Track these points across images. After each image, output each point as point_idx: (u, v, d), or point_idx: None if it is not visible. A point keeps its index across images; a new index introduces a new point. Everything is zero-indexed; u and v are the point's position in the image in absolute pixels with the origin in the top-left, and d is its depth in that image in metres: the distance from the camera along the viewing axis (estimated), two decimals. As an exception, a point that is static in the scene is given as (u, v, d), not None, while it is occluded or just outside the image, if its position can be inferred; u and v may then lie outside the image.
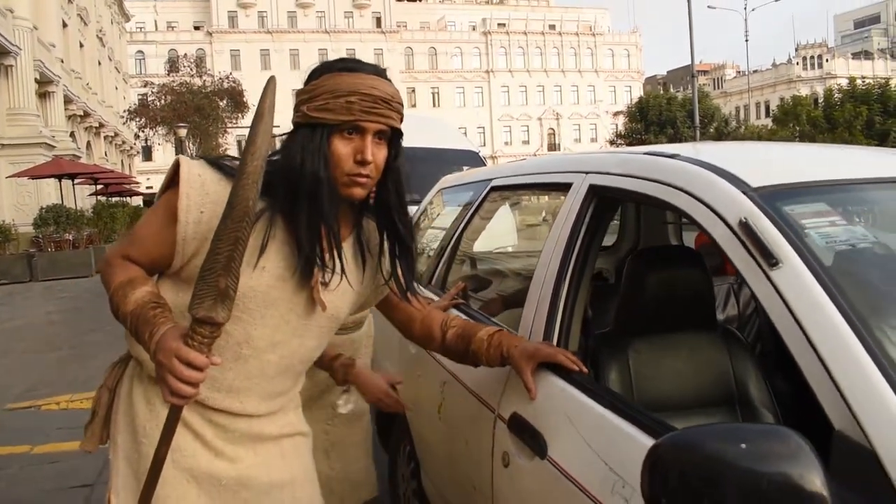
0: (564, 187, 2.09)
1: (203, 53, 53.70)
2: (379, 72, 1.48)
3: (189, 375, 1.29)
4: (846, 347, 1.09)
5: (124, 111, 33.89)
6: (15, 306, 12.53)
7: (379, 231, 1.61)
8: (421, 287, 1.94)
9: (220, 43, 65.50)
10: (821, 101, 42.56)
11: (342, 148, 1.43)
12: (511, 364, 1.74)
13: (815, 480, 0.94)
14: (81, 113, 27.76)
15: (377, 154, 1.45)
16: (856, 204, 1.65)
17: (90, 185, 23.54)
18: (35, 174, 17.93)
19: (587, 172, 2.01)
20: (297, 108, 1.46)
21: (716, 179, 1.50)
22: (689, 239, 3.51)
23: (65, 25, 26.89)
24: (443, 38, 72.62)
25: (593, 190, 1.94)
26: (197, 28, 67.03)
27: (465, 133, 64.78)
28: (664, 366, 1.98)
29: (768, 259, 1.26)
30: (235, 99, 32.02)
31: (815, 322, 1.14)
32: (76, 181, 21.11)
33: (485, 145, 68.15)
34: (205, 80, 31.46)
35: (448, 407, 2.32)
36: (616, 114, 61.51)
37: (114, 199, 25.15)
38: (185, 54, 36.50)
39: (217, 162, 1.48)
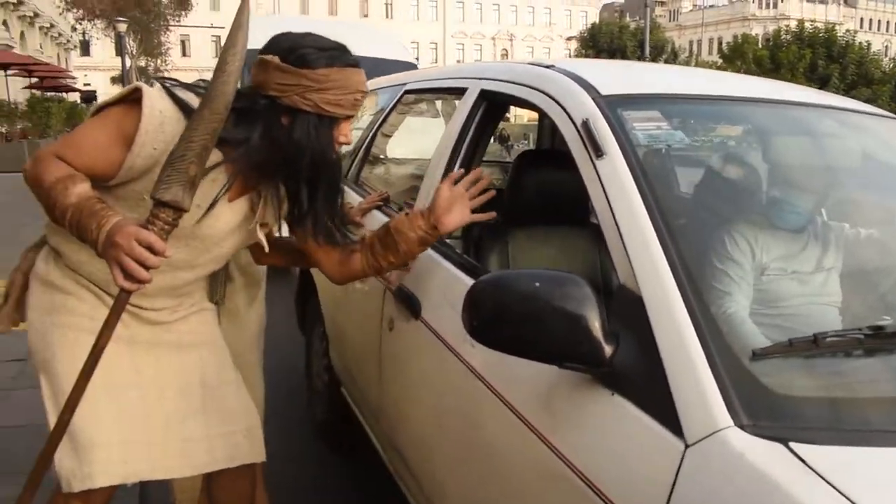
0: (462, 91, 2.32)
1: (147, -55, 51.06)
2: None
3: (147, 258, 1.33)
4: (638, 221, 1.36)
5: (61, 0, 32.28)
6: (-55, 196, 12.25)
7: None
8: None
9: (166, -65, 62.52)
10: (770, 41, 43.11)
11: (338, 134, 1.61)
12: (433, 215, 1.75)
13: (594, 322, 1.21)
14: (14, 0, 26.46)
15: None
16: (683, 115, 1.93)
17: (24, 77, 22.68)
18: (-37, 63, 17.25)
19: (480, 79, 2.24)
20: (295, 91, 1.52)
21: (574, 87, 1.74)
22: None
23: None
24: (400, -53, 70.59)
25: (483, 94, 2.17)
26: (141, -83, 63.71)
27: (418, 48, 63.55)
28: (539, 254, 2.25)
29: (597, 151, 1.52)
30: (179, -6, 30.79)
31: (619, 200, 1.41)
32: (9, 72, 20.35)
33: (437, 62, 67.28)
34: (148, -28, 30.06)
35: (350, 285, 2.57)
36: (569, 38, 61.18)
37: (49, 94, 24.24)
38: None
39: (178, 96, 1.52)
